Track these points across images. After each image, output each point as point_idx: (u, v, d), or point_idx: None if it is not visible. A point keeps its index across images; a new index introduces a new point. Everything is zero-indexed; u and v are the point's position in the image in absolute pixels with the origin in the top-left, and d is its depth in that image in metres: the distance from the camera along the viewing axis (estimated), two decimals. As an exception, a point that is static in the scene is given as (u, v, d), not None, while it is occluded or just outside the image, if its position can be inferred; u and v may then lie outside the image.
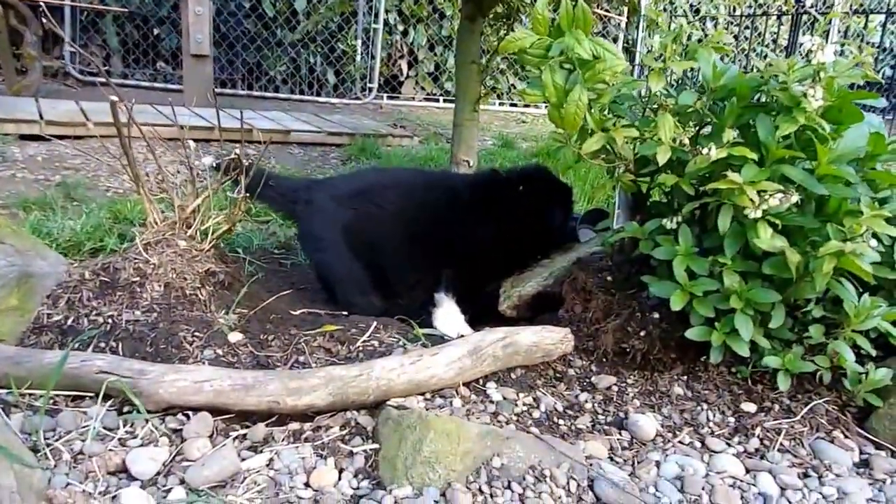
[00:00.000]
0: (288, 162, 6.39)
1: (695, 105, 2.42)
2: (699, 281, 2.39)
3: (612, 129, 2.42)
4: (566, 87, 2.34)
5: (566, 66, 2.35)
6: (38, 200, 4.39)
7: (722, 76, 2.38)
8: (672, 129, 2.35)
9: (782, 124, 2.21)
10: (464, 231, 3.14)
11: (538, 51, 2.36)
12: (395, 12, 10.49)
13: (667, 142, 2.34)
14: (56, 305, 2.60)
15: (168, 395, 2.13)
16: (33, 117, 6.21)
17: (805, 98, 2.18)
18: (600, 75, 2.32)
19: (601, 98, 2.40)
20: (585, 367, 2.65)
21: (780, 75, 2.27)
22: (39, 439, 2.01)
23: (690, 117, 2.47)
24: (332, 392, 2.18)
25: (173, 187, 2.89)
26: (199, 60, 8.07)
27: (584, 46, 2.29)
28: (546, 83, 2.33)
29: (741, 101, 2.35)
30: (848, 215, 2.25)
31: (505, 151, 7.22)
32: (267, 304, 2.81)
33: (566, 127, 2.37)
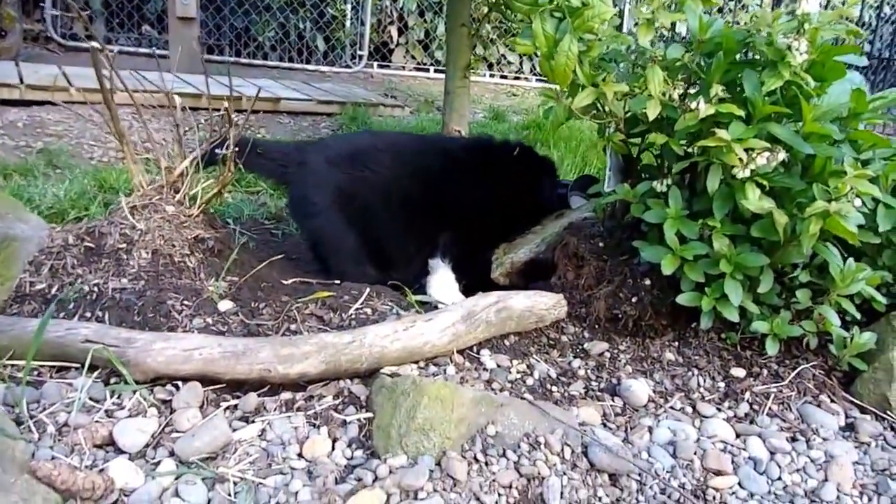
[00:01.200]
0: (278, 131, 6.35)
1: (683, 59, 2.40)
2: (690, 245, 2.39)
3: (602, 84, 2.39)
4: (556, 36, 2.32)
5: (556, 15, 2.33)
6: (18, 167, 4.34)
7: (709, 29, 2.36)
8: (661, 82, 2.34)
9: (768, 79, 2.20)
10: (461, 194, 3.13)
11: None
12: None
13: (656, 96, 2.32)
14: (39, 272, 2.55)
15: (156, 365, 2.10)
16: (13, 81, 6.07)
17: (790, 51, 2.17)
18: (589, 23, 2.30)
19: (591, 51, 2.39)
20: (578, 334, 2.65)
21: (765, 29, 2.26)
22: (23, 411, 1.98)
23: (679, 71, 2.45)
24: (325, 360, 2.16)
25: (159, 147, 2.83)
26: (186, 23, 7.95)
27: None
28: (536, 32, 2.32)
29: (728, 55, 2.33)
30: (833, 175, 2.25)
31: (496, 124, 7.18)
32: (258, 272, 2.77)
33: (556, 79, 2.35)
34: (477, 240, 3.16)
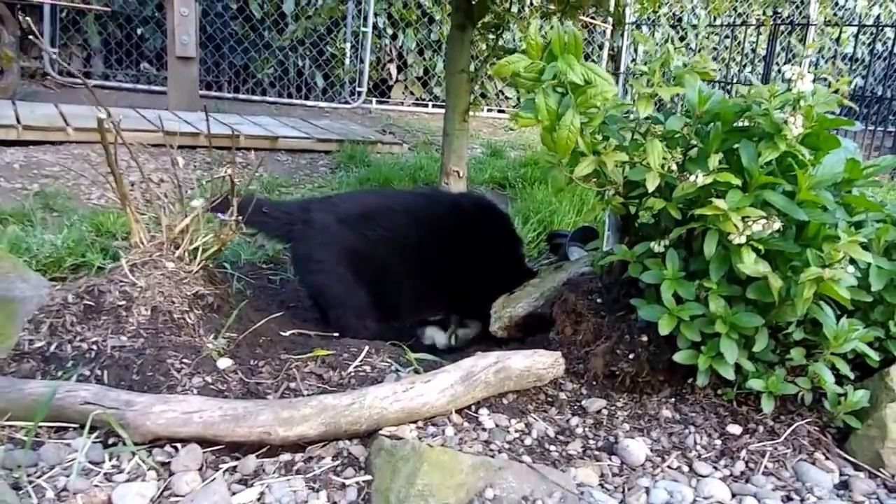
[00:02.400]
0: (276, 170, 6.38)
1: (682, 131, 2.46)
2: (686, 305, 2.42)
3: (603, 153, 2.43)
4: (559, 110, 2.36)
5: (559, 90, 2.38)
6: (15, 211, 4.34)
7: (707, 101, 2.42)
8: (661, 155, 2.38)
9: (764, 151, 2.26)
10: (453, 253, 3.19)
11: (531, 74, 2.38)
12: (385, 16, 10.46)
13: (656, 168, 2.36)
14: (38, 331, 2.56)
15: (156, 427, 2.11)
16: (10, 122, 6.09)
17: (786, 125, 2.24)
18: (592, 100, 2.33)
19: (592, 121, 2.42)
20: (576, 391, 2.65)
21: (762, 102, 2.32)
22: (21, 476, 1.98)
23: (678, 142, 2.50)
24: (325, 421, 2.17)
25: (160, 205, 2.85)
26: (185, 63, 7.99)
27: (575, 71, 2.31)
28: (539, 106, 2.35)
29: (725, 125, 2.39)
30: (827, 241, 2.29)
31: (494, 161, 7.21)
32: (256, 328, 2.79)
33: (558, 151, 2.39)
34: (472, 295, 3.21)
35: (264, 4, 9.70)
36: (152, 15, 9.26)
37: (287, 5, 9.73)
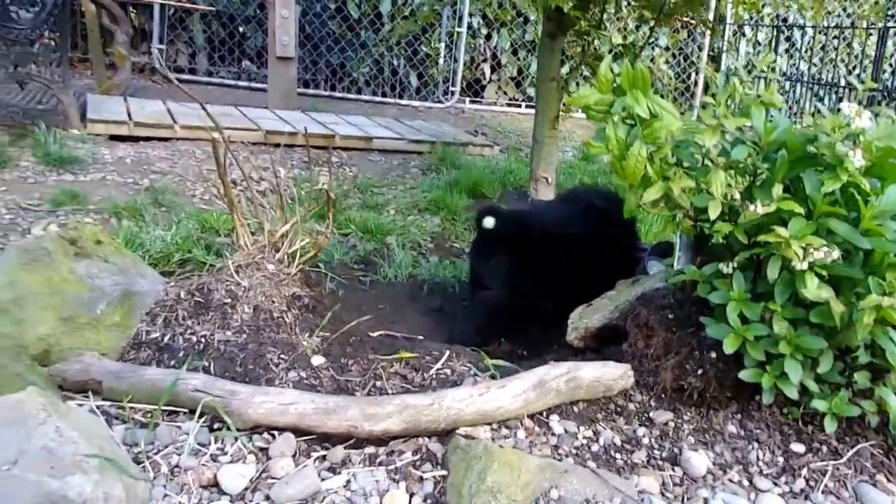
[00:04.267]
0: (369, 170, 6.56)
1: (746, 161, 2.54)
2: (751, 326, 2.50)
3: (671, 180, 2.55)
4: (627, 141, 2.49)
5: (627, 122, 2.51)
6: (127, 206, 4.61)
7: (773, 132, 2.50)
8: (723, 184, 2.47)
9: (827, 181, 2.33)
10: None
11: (601, 107, 2.52)
12: (480, 16, 10.61)
13: (718, 197, 2.46)
14: (154, 323, 2.82)
15: (256, 416, 2.34)
16: (122, 118, 6.45)
17: (848, 158, 2.30)
18: (658, 132, 2.46)
19: (660, 150, 2.53)
20: (645, 402, 2.75)
21: (825, 135, 2.39)
22: (141, 452, 2.23)
23: (743, 172, 2.58)
24: (406, 419, 2.36)
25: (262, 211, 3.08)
26: (284, 63, 8.29)
27: (642, 105, 2.44)
28: (609, 137, 2.49)
29: (791, 154, 2.46)
30: (890, 269, 2.35)
31: (585, 165, 7.28)
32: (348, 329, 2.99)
33: (627, 178, 2.51)
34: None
35: (362, 5, 9.95)
36: (254, 14, 9.61)
37: (384, 6, 9.95)
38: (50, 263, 2.73)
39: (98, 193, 4.90)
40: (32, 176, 5.18)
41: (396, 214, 5.36)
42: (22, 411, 1.92)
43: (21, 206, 4.54)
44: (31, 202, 4.61)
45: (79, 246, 2.84)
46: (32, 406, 1.94)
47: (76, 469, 1.83)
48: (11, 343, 2.53)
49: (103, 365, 2.59)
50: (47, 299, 2.67)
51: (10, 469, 1.78)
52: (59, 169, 5.33)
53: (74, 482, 1.79)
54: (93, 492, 1.80)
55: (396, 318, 3.46)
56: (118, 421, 2.42)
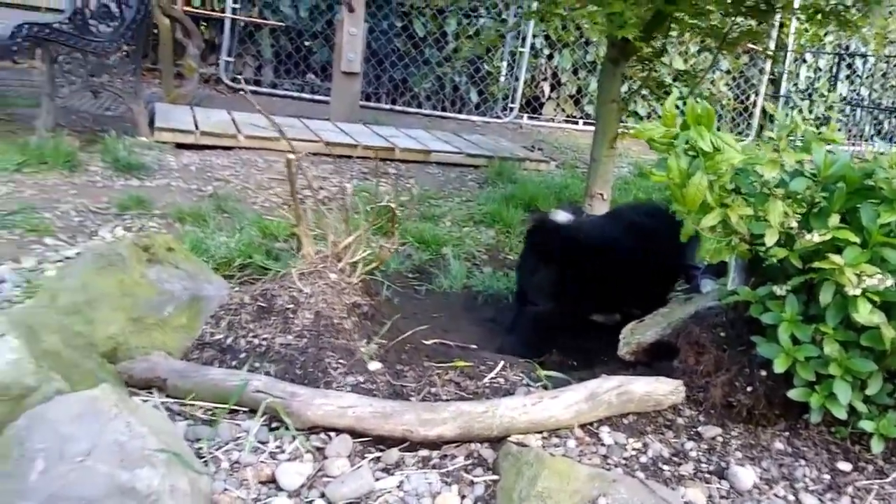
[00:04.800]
0: (427, 182, 6.64)
1: (804, 192, 2.59)
2: (802, 347, 2.54)
3: (729, 207, 2.60)
4: (689, 171, 2.55)
5: (690, 153, 2.57)
6: (191, 212, 4.74)
7: (832, 166, 2.55)
8: (781, 214, 2.52)
9: (883, 213, 2.39)
10: None
11: (665, 140, 2.61)
12: (542, 37, 10.71)
13: (775, 226, 2.51)
14: (218, 325, 2.94)
15: (315, 417, 2.44)
16: (189, 127, 6.66)
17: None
18: (719, 165, 2.52)
19: (720, 178, 2.59)
20: (694, 417, 2.79)
21: (883, 170, 2.46)
22: (203, 448, 2.33)
23: (800, 203, 2.63)
24: (460, 425, 2.44)
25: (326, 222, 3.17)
26: (349, 77, 8.45)
27: (706, 140, 2.51)
28: (671, 167, 2.56)
29: (849, 186, 2.51)
30: None
31: (641, 181, 7.29)
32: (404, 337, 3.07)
33: (687, 205, 2.58)
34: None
35: (428, 24, 10.08)
36: (322, 31, 9.80)
37: (450, 25, 10.08)
38: (123, 268, 2.86)
39: (163, 199, 5.03)
40: (101, 180, 5.35)
41: (452, 226, 5.44)
42: (95, 407, 2.02)
43: (90, 209, 4.68)
44: (99, 206, 4.76)
45: (151, 252, 2.97)
46: (105, 402, 2.03)
47: (145, 462, 1.92)
48: (83, 341, 2.64)
49: (169, 364, 2.70)
50: (118, 301, 2.79)
51: (84, 461, 1.87)
52: (126, 174, 5.51)
53: (143, 475, 1.89)
54: (160, 485, 1.89)
55: (450, 327, 3.53)
56: (180, 417, 2.52)
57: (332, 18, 9.50)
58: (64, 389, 2.22)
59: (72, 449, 1.90)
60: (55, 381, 2.24)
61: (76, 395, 2.09)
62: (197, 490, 2.00)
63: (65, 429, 1.94)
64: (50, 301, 2.76)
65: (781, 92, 11.57)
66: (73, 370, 2.39)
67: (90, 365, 2.53)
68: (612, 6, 4.24)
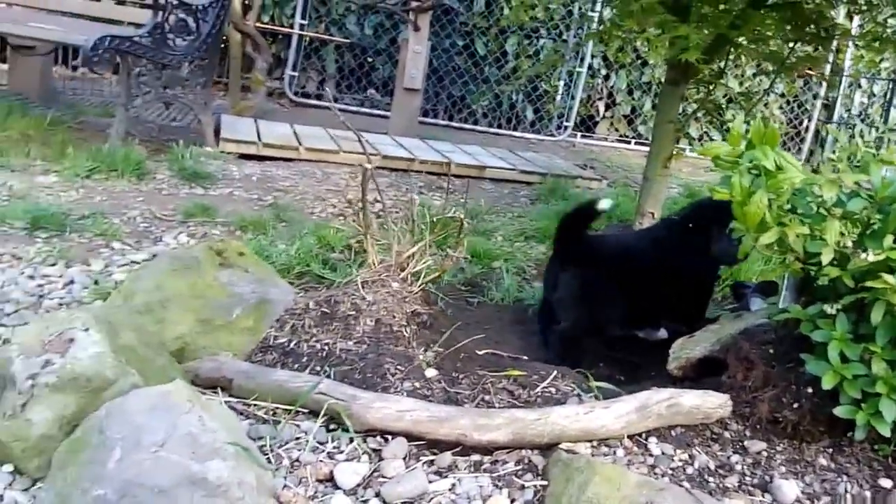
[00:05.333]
0: (480, 197, 6.70)
1: (861, 213, 2.63)
2: (850, 365, 2.57)
3: (787, 226, 2.65)
4: (751, 189, 2.61)
5: (752, 172, 2.63)
6: (253, 220, 4.86)
7: (889, 187, 2.58)
8: (837, 233, 2.56)
9: None
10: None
11: (730, 158, 2.67)
12: (600, 57, 10.77)
13: (831, 244, 2.55)
14: (282, 329, 3.07)
15: (373, 420, 2.54)
16: (252, 138, 6.82)
17: None
18: (781, 183, 2.58)
19: (779, 198, 2.64)
20: (740, 432, 2.83)
21: None
22: (265, 445, 2.45)
23: (857, 223, 2.67)
24: (513, 431, 2.53)
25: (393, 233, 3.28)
26: (410, 94, 8.60)
27: (769, 159, 2.57)
28: (734, 184, 2.62)
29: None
30: None
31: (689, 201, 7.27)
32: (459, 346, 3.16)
33: (747, 222, 2.63)
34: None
35: (489, 43, 10.22)
36: (385, 48, 9.99)
37: (510, 44, 10.22)
38: (197, 271, 3.03)
39: (226, 207, 5.16)
40: (167, 188, 5.51)
41: (504, 241, 5.47)
42: (169, 401, 2.14)
43: (156, 215, 4.83)
44: (164, 213, 4.89)
45: (224, 256, 3.13)
46: (179, 396, 2.16)
47: (215, 455, 2.03)
48: (154, 339, 2.78)
49: (234, 364, 2.84)
50: (189, 302, 2.95)
51: (158, 451, 1.99)
52: (191, 183, 5.67)
53: (214, 466, 2.00)
54: (229, 477, 2.00)
55: (502, 339, 3.59)
56: (242, 417, 2.64)
57: (396, 36, 9.71)
58: (139, 384, 2.35)
59: (147, 439, 2.01)
60: (132, 375, 2.38)
61: (152, 388, 2.22)
62: (262, 485, 2.10)
63: (141, 420, 2.06)
64: (125, 300, 2.90)
65: (835, 117, 11.49)
66: (146, 366, 2.52)
67: (161, 362, 2.66)
68: (678, 30, 4.30)
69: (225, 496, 1.96)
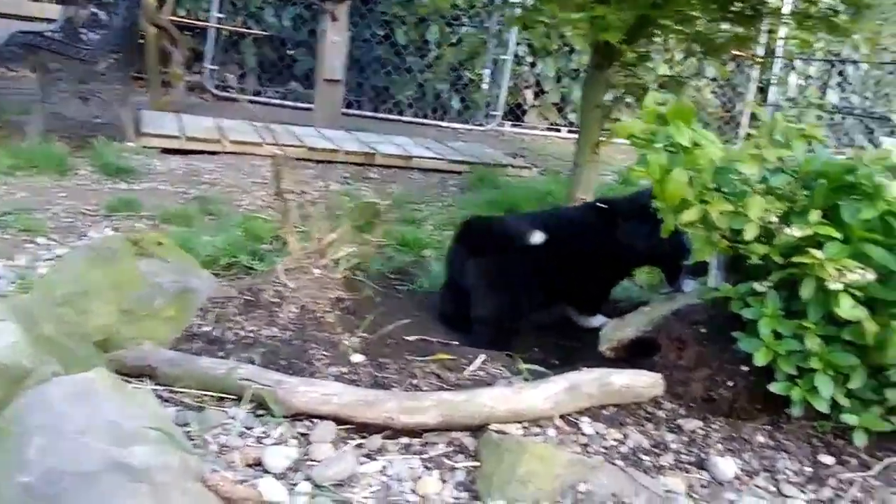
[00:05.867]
0: (408, 187, 6.70)
1: (785, 188, 2.62)
2: (784, 341, 2.56)
3: (709, 203, 2.63)
4: (668, 166, 2.59)
5: (669, 150, 2.61)
6: (178, 213, 4.85)
7: (813, 162, 2.58)
8: (760, 209, 2.54)
9: (864, 209, 2.40)
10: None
11: (645, 136, 2.64)
12: (525, 44, 10.78)
13: (755, 220, 2.54)
14: (206, 318, 3.02)
15: (300, 404, 2.47)
16: (175, 132, 6.84)
17: (886, 188, 2.37)
18: (699, 160, 2.56)
19: (700, 174, 2.62)
20: (674, 411, 2.81)
21: (864, 166, 2.47)
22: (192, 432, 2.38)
23: (781, 198, 2.64)
24: (441, 413, 2.46)
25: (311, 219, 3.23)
26: (331, 85, 8.54)
27: (685, 135, 2.56)
28: (651, 163, 2.60)
29: (830, 183, 2.53)
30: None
31: (624, 189, 7.29)
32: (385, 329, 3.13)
33: (666, 201, 2.62)
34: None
35: (409, 32, 10.16)
36: (305, 40, 9.88)
37: (431, 33, 10.17)
38: (115, 261, 2.96)
39: (150, 201, 5.13)
40: (90, 184, 5.52)
41: (434, 229, 5.46)
42: (91, 388, 2.09)
43: (80, 210, 4.81)
44: (88, 207, 4.89)
45: (141, 247, 3.07)
46: (100, 384, 2.11)
47: (138, 440, 1.97)
48: (77, 331, 2.73)
49: (159, 353, 2.77)
50: (110, 293, 2.88)
51: (80, 438, 1.93)
52: (114, 178, 5.67)
53: (137, 451, 1.93)
54: (153, 461, 1.93)
55: (430, 326, 3.55)
56: (169, 404, 2.56)
57: (315, 28, 9.56)
58: (60, 373, 2.29)
59: (68, 426, 1.95)
60: (51, 364, 2.32)
61: (73, 376, 2.16)
62: (188, 469, 2.03)
63: (62, 408, 2.01)
64: (46, 292, 2.84)
65: (769, 99, 11.61)
66: (68, 356, 2.48)
67: (84, 353, 2.62)
68: (596, 10, 4.28)
69: (149, 480, 1.90)
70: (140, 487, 1.88)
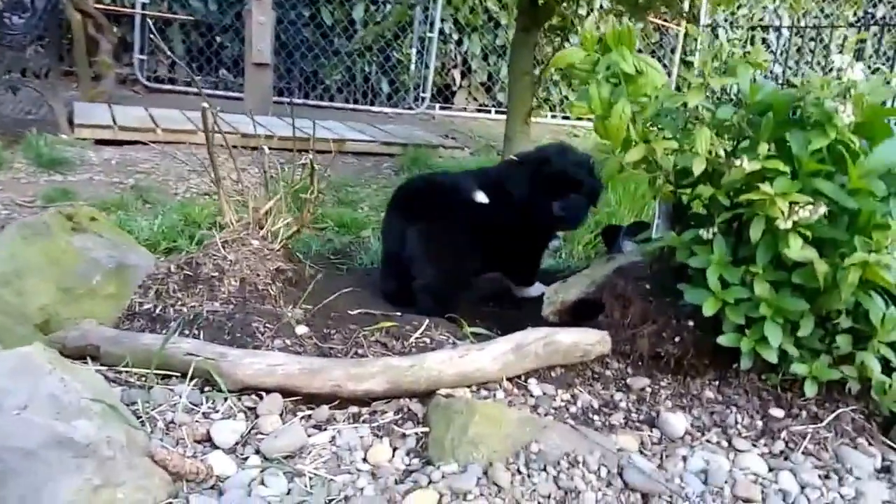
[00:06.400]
0: (343, 171, 6.68)
1: (732, 119, 2.56)
2: (731, 289, 2.53)
3: (653, 141, 2.59)
4: (611, 100, 2.53)
5: (612, 81, 2.54)
6: (115, 202, 4.83)
7: (759, 92, 2.51)
8: (708, 141, 2.48)
9: (814, 139, 2.33)
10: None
11: (586, 66, 2.57)
12: (451, 21, 10.75)
13: (703, 154, 2.47)
14: (146, 295, 2.96)
15: (245, 377, 2.42)
16: (108, 123, 6.77)
17: (837, 114, 2.29)
18: (643, 89, 2.51)
19: (644, 111, 2.57)
20: (622, 370, 2.81)
21: (814, 92, 2.39)
22: (138, 410, 2.32)
23: (728, 130, 2.61)
24: (389, 380, 2.43)
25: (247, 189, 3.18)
26: (260, 69, 8.43)
27: (628, 62, 2.49)
28: (592, 96, 2.53)
29: (777, 115, 2.47)
30: (877, 229, 2.36)
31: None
32: (328, 303, 3.09)
33: (610, 138, 2.57)
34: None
35: (335, 11, 10.07)
36: (231, 24, 9.74)
37: (356, 12, 10.10)
38: (48, 236, 2.90)
39: (86, 191, 5.15)
40: (25, 176, 5.51)
41: (371, 210, 5.48)
42: (30, 362, 2.03)
43: (16, 202, 4.80)
44: (25, 199, 4.88)
45: (75, 222, 3.00)
46: (39, 358, 2.05)
47: (81, 415, 1.93)
48: (16, 311, 2.71)
49: (100, 332, 2.72)
50: (46, 270, 2.83)
51: (20, 413, 1.88)
52: (49, 170, 5.66)
53: (80, 425, 1.89)
54: (97, 435, 1.89)
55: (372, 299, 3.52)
56: (115, 384, 2.50)
57: (240, 11, 9.41)
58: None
59: (8, 402, 1.92)
60: (-11, 343, 2.25)
61: (10, 351, 2.11)
62: (134, 444, 2.00)
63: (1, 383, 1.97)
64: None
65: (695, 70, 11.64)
66: (6, 335, 2.51)
67: (23, 332, 2.63)
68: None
69: (94, 455, 1.86)
70: (85, 463, 1.84)
